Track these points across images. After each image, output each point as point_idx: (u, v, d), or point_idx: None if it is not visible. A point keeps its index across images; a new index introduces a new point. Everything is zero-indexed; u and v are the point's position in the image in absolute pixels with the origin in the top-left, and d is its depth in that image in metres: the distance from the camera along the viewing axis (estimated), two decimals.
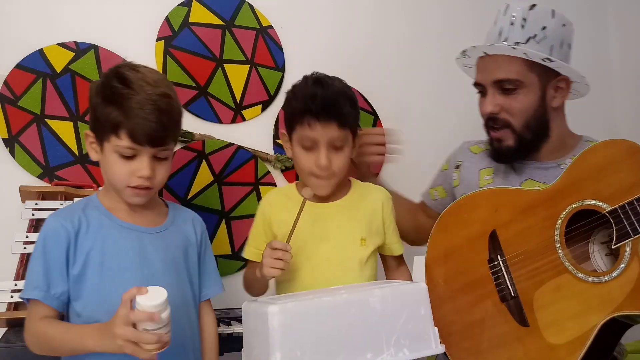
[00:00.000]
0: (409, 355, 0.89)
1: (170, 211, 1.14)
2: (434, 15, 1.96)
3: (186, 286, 1.09)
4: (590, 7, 2.19)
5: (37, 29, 1.48)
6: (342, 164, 1.14)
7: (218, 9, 1.67)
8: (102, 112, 0.99)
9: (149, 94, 0.98)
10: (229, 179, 1.63)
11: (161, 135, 1.00)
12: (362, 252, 1.16)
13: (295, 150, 1.16)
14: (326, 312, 0.88)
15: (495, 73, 1.18)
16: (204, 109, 1.63)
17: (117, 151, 0.99)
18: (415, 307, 0.93)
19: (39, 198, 1.33)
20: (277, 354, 0.83)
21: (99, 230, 1.02)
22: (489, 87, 1.19)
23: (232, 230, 1.62)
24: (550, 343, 0.94)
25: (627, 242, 0.91)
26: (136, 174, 0.99)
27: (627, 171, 0.95)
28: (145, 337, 0.85)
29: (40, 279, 0.96)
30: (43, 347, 0.96)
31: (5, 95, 1.43)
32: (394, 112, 1.86)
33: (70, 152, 1.48)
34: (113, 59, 1.52)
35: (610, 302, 0.90)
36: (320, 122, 1.09)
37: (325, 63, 1.76)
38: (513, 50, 1.14)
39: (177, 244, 1.10)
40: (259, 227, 1.21)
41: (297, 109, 1.12)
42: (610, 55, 2.20)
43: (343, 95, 1.14)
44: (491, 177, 1.25)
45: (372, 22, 1.88)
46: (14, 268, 1.24)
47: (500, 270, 1.07)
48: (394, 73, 1.88)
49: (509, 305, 1.03)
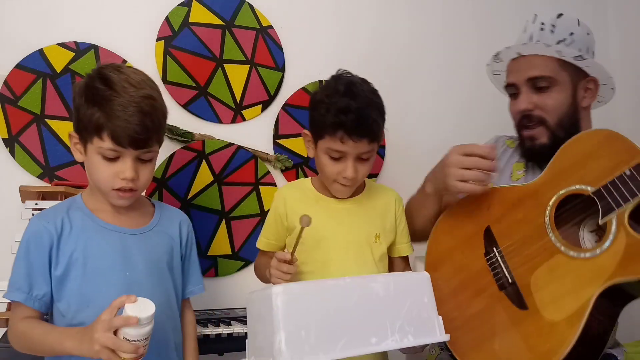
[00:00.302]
0: (414, 341, 0.90)
1: (156, 211, 1.14)
2: (435, 16, 1.96)
3: (169, 286, 1.09)
4: (590, 7, 2.19)
5: (37, 29, 1.48)
6: (366, 172, 1.17)
7: (218, 9, 1.67)
8: (84, 114, 0.99)
9: (132, 95, 0.98)
10: (229, 179, 1.63)
11: (144, 137, 0.99)
12: (377, 248, 1.20)
13: (321, 157, 1.16)
14: (330, 294, 0.89)
15: (529, 71, 1.20)
16: (204, 109, 1.63)
17: (100, 153, 0.99)
18: (419, 295, 0.94)
19: (39, 198, 1.33)
20: (282, 333, 0.82)
21: (82, 232, 1.02)
22: (522, 86, 1.22)
23: (232, 230, 1.62)
24: (550, 320, 0.96)
25: (613, 216, 0.95)
26: (119, 176, 0.99)
27: (607, 156, 1.01)
28: (124, 345, 0.85)
29: (22, 280, 0.97)
30: (25, 346, 0.98)
31: (5, 95, 1.43)
32: (394, 112, 1.85)
33: (70, 152, 1.47)
34: (113, 59, 1.53)
35: (602, 273, 0.93)
36: (353, 139, 1.10)
37: (325, 63, 1.77)
38: (547, 49, 1.18)
39: (161, 244, 1.10)
40: (270, 220, 1.24)
41: (328, 120, 1.11)
42: (611, 55, 2.20)
43: (375, 108, 1.15)
44: (523, 172, 1.27)
45: (373, 22, 1.88)
46: None
47: (496, 261, 1.09)
48: (394, 73, 1.88)
49: (507, 293, 1.05)
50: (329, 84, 1.18)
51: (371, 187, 1.28)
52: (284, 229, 1.22)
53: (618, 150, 1.00)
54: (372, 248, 1.19)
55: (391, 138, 1.84)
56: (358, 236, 1.18)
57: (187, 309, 1.17)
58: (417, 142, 1.86)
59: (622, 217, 0.94)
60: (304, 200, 1.22)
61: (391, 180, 1.81)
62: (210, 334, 1.28)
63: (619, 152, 0.99)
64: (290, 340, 0.82)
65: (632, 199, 0.93)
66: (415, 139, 1.86)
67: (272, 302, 0.84)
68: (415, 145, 1.86)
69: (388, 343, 0.88)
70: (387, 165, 1.84)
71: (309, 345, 0.83)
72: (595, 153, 1.04)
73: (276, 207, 1.23)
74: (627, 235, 0.93)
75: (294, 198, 1.23)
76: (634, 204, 0.93)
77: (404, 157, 1.84)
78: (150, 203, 1.16)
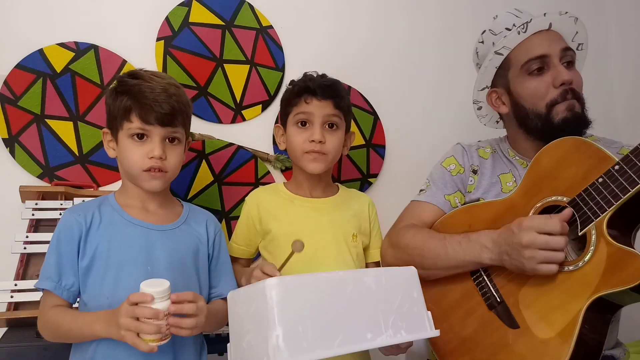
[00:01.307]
0: (407, 337, 0.89)
1: (184, 211, 1.16)
2: (435, 16, 1.96)
3: (193, 285, 1.10)
4: (590, 7, 2.19)
5: (37, 29, 1.48)
6: (335, 144, 1.19)
7: (218, 9, 1.67)
8: (115, 106, 1.06)
9: (159, 82, 1.07)
10: (229, 179, 1.63)
11: (170, 114, 1.05)
12: (355, 247, 1.20)
13: (290, 132, 1.21)
14: (324, 286, 0.85)
15: (562, 42, 1.19)
16: (204, 109, 1.63)
17: (129, 135, 1.05)
18: (408, 289, 0.93)
19: (39, 198, 1.33)
20: (279, 329, 0.77)
21: (109, 226, 1.05)
22: (554, 58, 1.17)
23: (232, 230, 1.62)
24: (542, 339, 0.95)
25: (591, 226, 0.95)
26: (148, 155, 1.05)
27: (577, 164, 1.02)
28: (144, 327, 0.88)
29: (53, 270, 1.01)
30: (54, 333, 1.00)
31: (5, 95, 1.43)
32: (394, 112, 1.86)
33: (70, 152, 1.47)
34: (113, 59, 1.53)
35: (588, 285, 0.92)
36: (317, 98, 1.16)
37: (325, 63, 1.77)
38: (579, 22, 1.21)
39: (186, 243, 1.11)
40: (242, 225, 1.26)
41: (295, 90, 1.19)
42: (610, 55, 2.20)
43: (340, 84, 1.24)
44: (513, 182, 1.22)
45: (372, 22, 1.88)
46: (14, 268, 1.24)
47: (483, 280, 1.08)
48: (394, 73, 1.88)
49: (497, 312, 1.04)
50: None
51: (345, 190, 1.31)
52: (256, 234, 1.23)
53: (586, 156, 1.00)
54: (350, 247, 1.19)
55: (391, 138, 1.85)
56: (336, 235, 1.19)
57: None
58: (417, 142, 1.86)
59: (601, 226, 0.93)
60: (279, 202, 1.22)
61: (391, 180, 1.82)
62: (210, 334, 1.27)
63: (587, 159, 1.00)
64: (288, 337, 0.77)
65: (608, 208, 0.92)
66: (415, 139, 1.86)
67: (267, 295, 0.80)
68: (415, 145, 1.86)
69: (383, 339, 0.86)
70: (387, 165, 1.83)
71: (306, 342, 0.78)
72: (564, 162, 1.04)
73: (248, 211, 1.24)
74: (607, 244, 0.92)
75: (268, 201, 1.24)
76: (610, 212, 0.92)
77: (404, 157, 1.84)
78: (180, 204, 1.19)
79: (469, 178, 1.27)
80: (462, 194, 1.27)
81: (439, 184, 1.28)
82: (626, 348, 1.15)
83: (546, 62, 1.17)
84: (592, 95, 1.27)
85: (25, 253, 1.25)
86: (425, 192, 1.29)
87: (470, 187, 1.26)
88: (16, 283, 1.20)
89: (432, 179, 1.31)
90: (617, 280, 0.89)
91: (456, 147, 1.34)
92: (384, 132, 1.84)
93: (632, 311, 1.05)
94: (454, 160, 1.30)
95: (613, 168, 0.93)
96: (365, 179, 1.78)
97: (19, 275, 1.23)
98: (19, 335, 1.12)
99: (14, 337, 1.13)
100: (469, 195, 1.25)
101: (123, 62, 1.54)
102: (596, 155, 0.98)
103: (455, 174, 1.28)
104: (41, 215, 1.29)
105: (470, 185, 1.26)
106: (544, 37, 1.19)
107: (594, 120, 1.18)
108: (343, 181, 1.74)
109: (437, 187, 1.28)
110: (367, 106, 1.82)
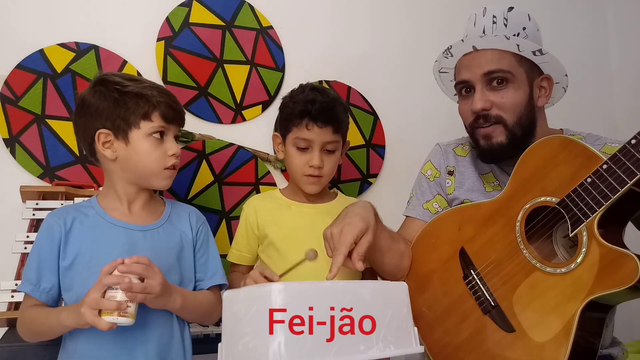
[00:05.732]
0: (395, 351, 0.88)
1: (166, 209, 1.16)
2: (434, 16, 1.96)
3: (175, 278, 1.09)
4: (590, 7, 2.20)
5: (38, 29, 1.48)
6: (332, 166, 1.24)
7: (218, 9, 1.67)
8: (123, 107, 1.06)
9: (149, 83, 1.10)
10: (229, 179, 1.63)
11: (183, 113, 1.14)
12: None
13: (289, 151, 1.24)
14: (326, 295, 0.86)
15: (486, 66, 1.13)
16: (204, 109, 1.63)
17: (150, 133, 1.07)
18: (399, 304, 0.93)
19: (40, 198, 1.33)
20: (282, 335, 0.79)
21: (91, 229, 1.06)
22: (477, 83, 1.15)
23: (232, 230, 1.62)
24: (538, 342, 0.95)
25: (582, 227, 0.94)
26: (168, 153, 1.09)
27: (564, 164, 1.00)
28: (105, 303, 0.89)
29: (32, 273, 1.02)
30: (30, 331, 1.02)
31: (5, 96, 1.43)
32: (393, 113, 1.86)
33: (70, 152, 1.48)
34: (113, 59, 1.53)
35: (582, 288, 0.92)
36: (318, 125, 1.18)
37: (325, 63, 1.78)
38: (506, 41, 1.11)
39: (170, 240, 1.11)
40: (242, 231, 1.28)
41: (295, 111, 1.20)
42: (610, 55, 2.20)
43: (339, 103, 1.24)
44: (497, 183, 1.23)
45: (372, 22, 1.88)
46: (15, 268, 1.24)
47: (476, 284, 1.07)
48: (394, 73, 1.88)
49: (492, 316, 1.03)
50: (295, 88, 1.28)
51: (342, 197, 1.34)
52: (255, 239, 1.25)
53: (573, 155, 0.99)
54: None
55: (391, 138, 1.85)
56: None
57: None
58: (417, 142, 1.86)
59: (592, 226, 0.92)
60: (276, 208, 1.26)
61: (391, 180, 1.82)
62: (210, 334, 1.28)
63: (575, 158, 0.98)
64: (290, 343, 0.79)
65: (598, 208, 0.91)
66: (415, 139, 1.86)
67: (272, 300, 0.81)
68: (415, 145, 1.86)
69: (373, 352, 0.86)
70: (387, 165, 1.84)
71: (306, 350, 0.80)
72: (552, 161, 1.02)
73: (247, 216, 1.26)
74: (599, 245, 0.91)
75: (265, 207, 1.27)
76: (600, 212, 0.91)
77: (404, 157, 1.84)
78: (163, 202, 1.19)
79: (445, 180, 1.30)
80: (442, 197, 1.30)
81: (418, 193, 1.33)
82: (624, 347, 1.15)
83: (471, 85, 1.17)
84: (592, 95, 1.27)
85: (25, 253, 1.25)
86: (409, 205, 1.34)
87: (448, 188, 1.29)
88: (17, 283, 1.20)
89: (414, 188, 1.36)
90: (612, 282, 0.88)
91: (434, 149, 1.37)
92: (384, 132, 1.84)
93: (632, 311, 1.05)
94: (431, 165, 1.34)
95: (601, 167, 0.92)
96: (365, 179, 1.79)
97: (19, 275, 1.23)
98: (19, 335, 1.12)
99: (14, 337, 1.12)
100: (449, 196, 1.28)
101: (123, 62, 1.55)
102: (584, 154, 0.97)
103: (433, 179, 1.32)
104: (42, 215, 1.29)
105: (448, 187, 1.29)
106: (467, 61, 1.18)
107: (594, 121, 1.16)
108: (343, 181, 1.74)
109: (417, 198, 1.33)
110: (367, 106, 1.82)
